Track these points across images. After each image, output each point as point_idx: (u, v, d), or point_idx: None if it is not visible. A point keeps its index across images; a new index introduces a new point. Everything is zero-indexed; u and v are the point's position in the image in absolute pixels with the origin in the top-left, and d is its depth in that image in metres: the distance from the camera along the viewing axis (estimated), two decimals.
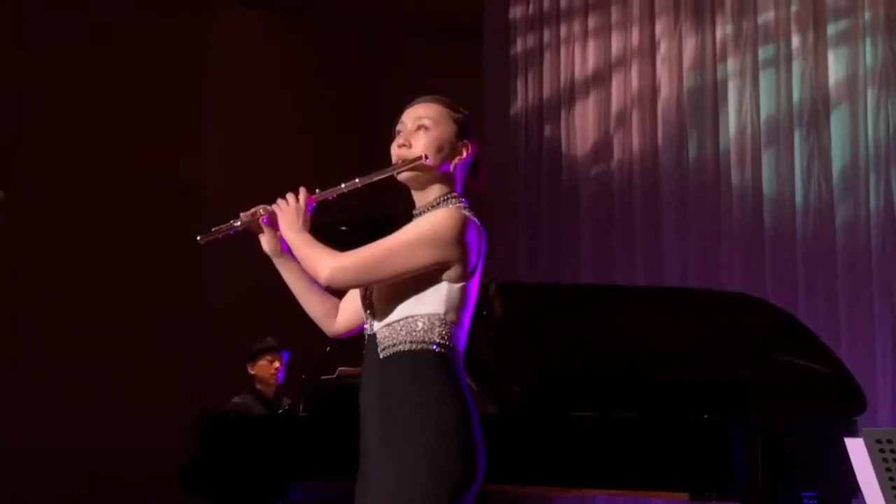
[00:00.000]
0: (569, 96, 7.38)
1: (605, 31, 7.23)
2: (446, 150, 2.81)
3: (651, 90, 6.96)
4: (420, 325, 2.71)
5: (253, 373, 6.25)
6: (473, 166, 2.87)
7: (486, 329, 4.57)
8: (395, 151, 2.85)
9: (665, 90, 6.88)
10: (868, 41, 6.16)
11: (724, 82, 6.67)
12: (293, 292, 2.98)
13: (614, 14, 7.18)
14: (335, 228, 4.57)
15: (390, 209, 3.07)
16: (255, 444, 4.79)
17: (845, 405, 4.07)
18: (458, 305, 2.73)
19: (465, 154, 2.84)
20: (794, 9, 6.43)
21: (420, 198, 2.85)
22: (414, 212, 2.85)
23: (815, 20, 6.35)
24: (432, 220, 2.72)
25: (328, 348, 4.80)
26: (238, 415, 5.80)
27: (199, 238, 2.93)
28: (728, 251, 6.54)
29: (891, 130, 6.06)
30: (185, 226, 4.11)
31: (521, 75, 7.67)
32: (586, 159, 7.25)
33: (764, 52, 6.52)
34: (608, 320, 4.47)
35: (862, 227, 6.12)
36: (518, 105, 7.66)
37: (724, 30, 6.69)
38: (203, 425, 4.96)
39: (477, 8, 7.85)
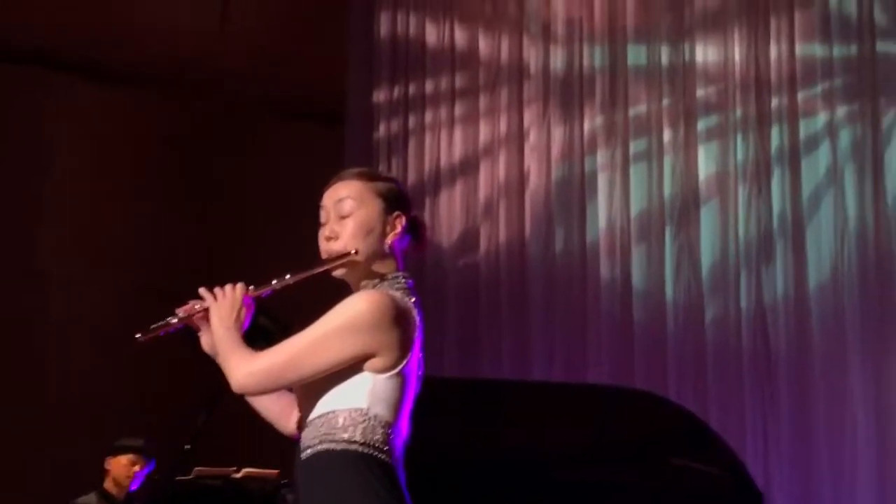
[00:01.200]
0: (434, 184, 7.25)
1: (472, 119, 7.15)
2: (377, 231, 2.61)
3: (519, 180, 6.87)
4: (340, 421, 2.47)
5: (108, 468, 5.80)
6: (413, 231, 2.66)
7: None
8: (324, 246, 2.64)
9: (533, 180, 6.80)
10: (739, 137, 6.19)
11: (594, 174, 6.62)
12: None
13: (482, 102, 7.11)
14: None
15: None
16: None
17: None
18: (388, 399, 2.48)
19: (398, 227, 2.63)
20: (665, 102, 6.44)
21: (356, 287, 2.62)
22: None
23: (686, 115, 6.38)
24: (349, 307, 2.50)
25: (187, 446, 4.46)
26: None
27: (137, 336, 2.68)
28: (595, 346, 6.45)
29: (761, 228, 6.07)
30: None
31: (383, 161, 7.51)
32: (452, 249, 7.10)
33: (635, 146, 6.50)
34: (491, 416, 4.28)
35: (732, 326, 6.09)
36: None
37: (593, 121, 6.66)
38: None
39: (340, 90, 7.69)
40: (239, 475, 4.58)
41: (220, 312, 2.60)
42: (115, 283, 7.22)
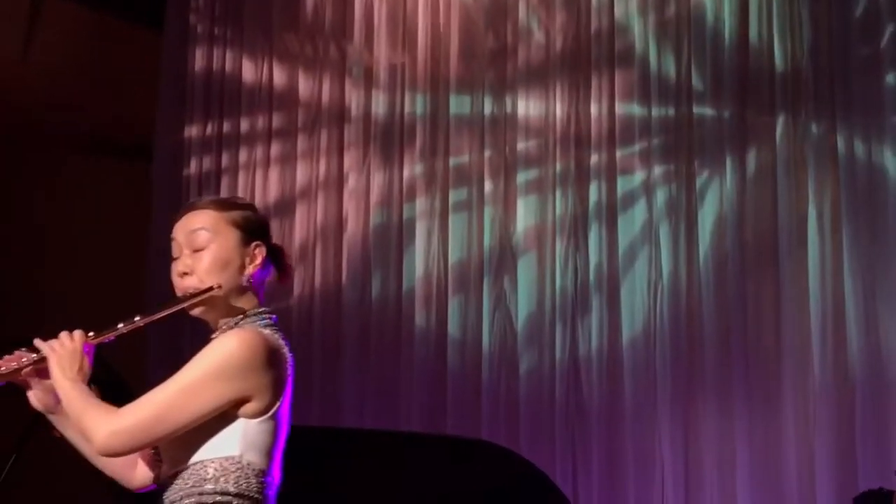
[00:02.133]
0: None
1: (289, 160, 7.05)
2: (235, 263, 2.48)
3: (337, 224, 6.83)
4: (211, 471, 2.33)
5: None
6: (275, 262, 2.54)
7: None
8: (177, 282, 2.49)
9: (351, 225, 6.77)
10: (558, 191, 6.33)
11: (412, 221, 6.64)
12: (80, 450, 2.53)
13: (300, 143, 7.03)
14: None
15: None
16: None
17: None
18: (260, 445, 2.37)
19: (258, 258, 2.51)
20: (486, 153, 6.53)
21: (216, 323, 2.50)
22: (212, 337, 2.48)
23: (507, 167, 6.48)
24: (219, 350, 2.37)
25: None
26: None
27: None
28: (408, 394, 6.43)
29: (578, 281, 6.20)
30: None
31: (193, 198, 7.33)
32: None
33: (455, 195, 6.56)
34: (320, 465, 4.20)
35: (546, 377, 6.19)
36: None
37: (413, 168, 6.69)
38: None
39: (149, 124, 7.48)
40: None
41: (62, 363, 2.41)
42: None
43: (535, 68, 6.50)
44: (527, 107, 6.50)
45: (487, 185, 6.50)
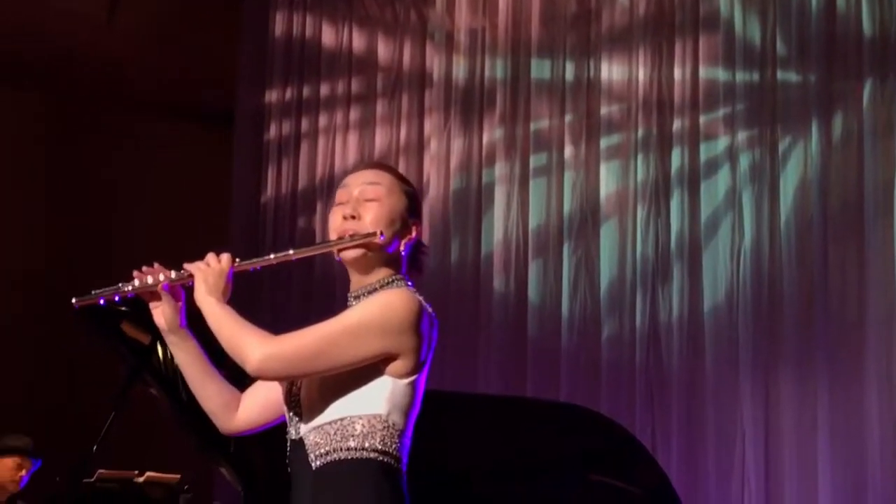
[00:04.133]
0: (326, 190, 7.28)
1: (369, 125, 7.21)
2: (397, 227, 2.54)
3: (418, 188, 6.93)
4: (359, 428, 2.40)
5: None
6: (416, 251, 2.60)
7: None
8: (339, 224, 2.56)
9: (432, 190, 6.89)
10: (639, 156, 6.39)
11: (492, 186, 6.75)
12: (186, 376, 2.61)
13: (380, 108, 7.18)
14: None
15: None
16: None
17: None
18: (404, 406, 2.44)
19: (413, 234, 2.58)
20: (567, 118, 6.60)
21: (359, 279, 2.56)
22: (350, 294, 2.56)
23: (588, 132, 6.55)
24: (381, 304, 2.43)
25: (94, 447, 4.41)
26: None
27: (74, 301, 2.58)
28: (486, 359, 6.57)
29: (660, 248, 6.27)
30: None
31: (273, 163, 7.52)
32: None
33: (535, 160, 6.64)
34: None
35: (626, 344, 6.27)
36: (269, 194, 7.48)
37: (493, 133, 6.79)
38: None
39: (230, 90, 7.65)
40: (141, 479, 4.54)
41: (208, 281, 2.47)
42: None
43: (618, 32, 6.56)
44: (609, 71, 6.57)
45: (568, 151, 6.59)
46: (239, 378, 2.59)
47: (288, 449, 2.51)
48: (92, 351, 4.91)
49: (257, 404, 2.62)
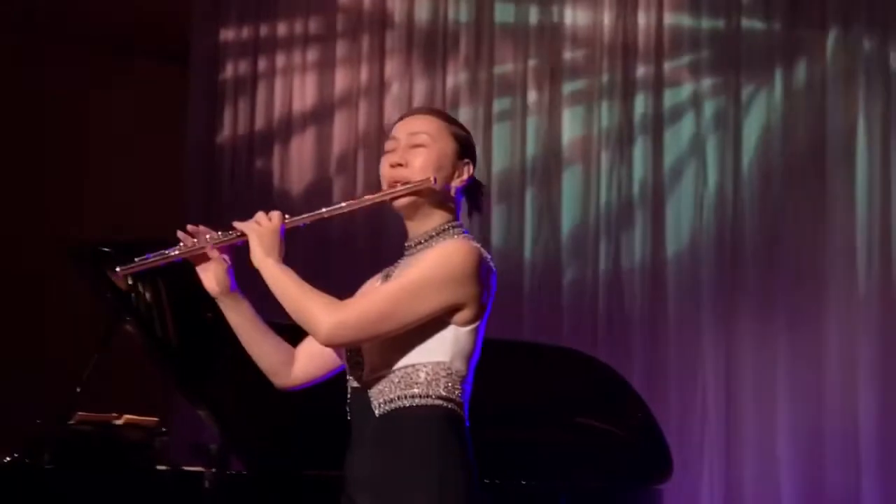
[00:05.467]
0: (285, 132, 7.27)
1: (328, 66, 7.19)
2: (447, 170, 2.56)
3: (378, 132, 6.99)
4: (423, 375, 2.42)
5: None
6: (472, 192, 2.63)
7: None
8: (388, 172, 2.59)
9: None
10: (604, 103, 6.49)
11: None
12: (240, 337, 2.61)
13: (340, 49, 7.17)
14: (96, 250, 4.32)
15: None
16: None
17: (654, 473, 4.22)
18: (466, 353, 2.45)
19: (465, 176, 2.60)
20: (531, 63, 6.67)
21: (415, 227, 2.58)
22: (407, 243, 2.60)
23: (552, 77, 6.63)
24: (442, 256, 2.45)
25: (78, 388, 4.43)
26: None
27: (118, 269, 2.56)
28: None
29: (623, 194, 6.39)
30: None
31: (230, 104, 7.48)
32: (302, 200, 7.15)
33: (499, 104, 6.71)
34: None
35: (589, 289, 6.40)
36: (225, 134, 7.45)
37: (457, 77, 6.83)
38: None
39: (183, 28, 7.58)
40: (120, 422, 4.57)
41: (263, 241, 2.46)
42: None
43: None
44: (574, 16, 6.66)
45: (532, 95, 6.67)
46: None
47: (348, 396, 2.55)
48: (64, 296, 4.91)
49: (314, 357, 2.64)
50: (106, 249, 4.31)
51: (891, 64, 6.06)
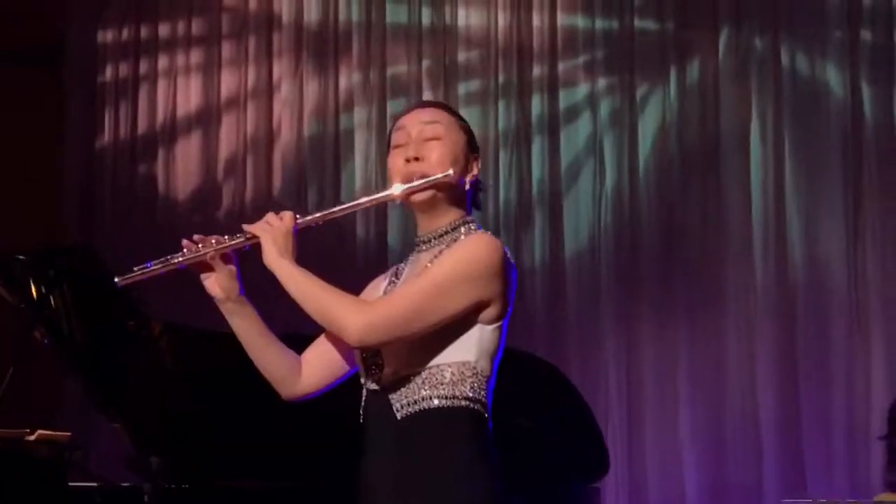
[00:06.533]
0: (169, 135, 7.13)
1: (213, 67, 7.07)
2: (461, 164, 2.51)
3: (268, 135, 6.90)
4: (448, 376, 2.36)
5: None
6: (474, 188, 2.59)
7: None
8: (401, 167, 2.51)
9: (285, 135, 6.86)
10: (501, 103, 6.54)
11: (350, 132, 6.77)
12: (245, 345, 2.52)
13: (226, 50, 7.07)
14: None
15: None
16: None
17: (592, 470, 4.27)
18: (491, 352, 2.41)
19: (475, 169, 2.56)
20: (425, 64, 6.68)
21: (429, 222, 2.53)
22: (418, 239, 2.55)
23: (447, 78, 6.65)
24: (469, 251, 2.40)
25: None
26: None
27: (116, 280, 2.46)
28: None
29: (522, 194, 6.45)
30: None
31: (110, 107, 7.31)
32: (189, 206, 7.02)
33: (394, 106, 6.71)
34: None
35: None
36: (106, 139, 7.27)
37: (349, 78, 6.81)
38: None
39: (60, 30, 7.38)
40: (32, 437, 4.43)
41: (277, 242, 2.42)
42: None
43: None
44: (467, 17, 6.69)
45: (426, 96, 6.67)
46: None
47: (363, 400, 2.48)
48: None
49: (322, 364, 2.56)
50: (21, 258, 4.20)
51: (782, 61, 6.23)
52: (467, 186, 2.55)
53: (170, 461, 4.33)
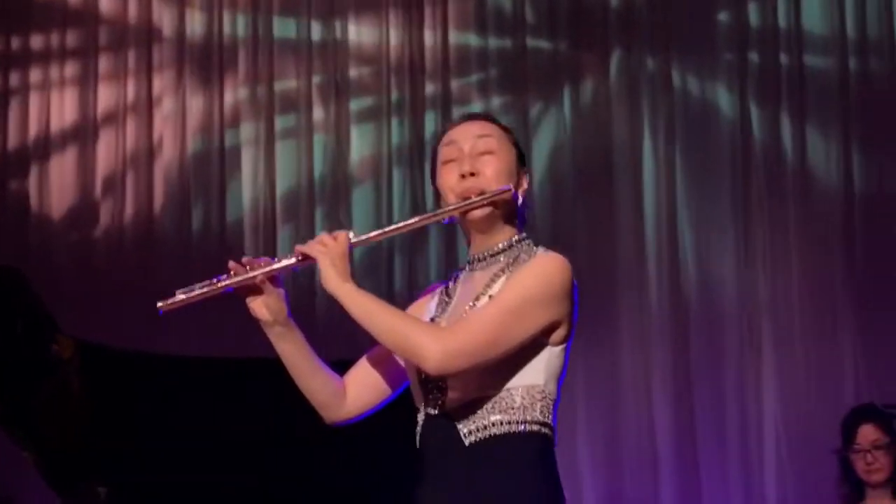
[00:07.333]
0: (42, 151, 6.87)
1: (90, 81, 6.85)
2: (514, 178, 2.46)
3: (148, 149, 6.72)
4: (518, 399, 2.31)
5: None
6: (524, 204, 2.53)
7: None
8: (457, 183, 2.44)
9: (167, 151, 6.69)
10: (394, 120, 6.52)
11: (237, 148, 6.66)
12: (291, 370, 2.47)
13: (103, 63, 6.86)
14: None
15: None
16: None
17: None
18: (557, 374, 2.39)
19: (525, 184, 2.51)
20: (315, 80, 6.62)
21: (484, 240, 2.47)
22: (470, 257, 2.49)
23: (338, 94, 6.60)
24: (542, 273, 2.35)
25: None
26: None
27: (159, 305, 2.40)
28: (245, 326, 6.45)
29: (417, 210, 6.43)
30: None
31: None
32: (65, 223, 6.77)
33: (283, 122, 6.62)
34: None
35: None
36: None
37: (235, 93, 6.69)
38: None
39: None
40: None
41: (336, 266, 2.36)
42: None
43: None
44: (358, 33, 6.66)
45: (317, 112, 6.64)
46: None
47: (420, 426, 2.41)
48: None
49: (367, 386, 2.53)
50: None
51: (673, 82, 6.38)
52: (520, 201, 2.50)
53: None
